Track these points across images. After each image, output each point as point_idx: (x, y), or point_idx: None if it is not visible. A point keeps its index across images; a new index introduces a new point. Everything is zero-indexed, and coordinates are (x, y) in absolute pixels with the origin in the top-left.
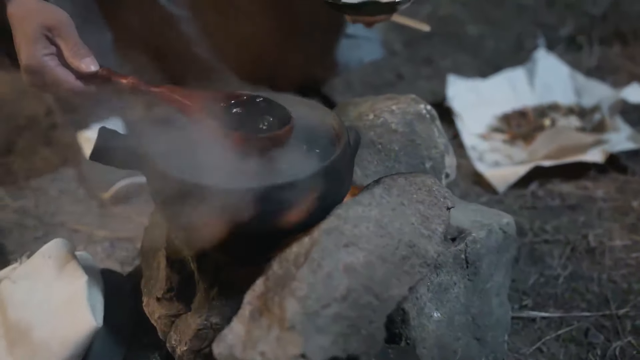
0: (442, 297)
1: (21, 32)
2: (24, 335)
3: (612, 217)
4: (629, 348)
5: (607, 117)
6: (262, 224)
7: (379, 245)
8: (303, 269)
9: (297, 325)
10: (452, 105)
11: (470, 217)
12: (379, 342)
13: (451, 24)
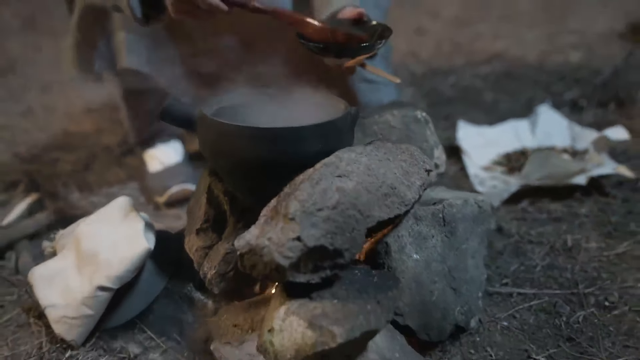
0: (421, 243)
1: None
2: (92, 258)
3: (591, 227)
4: (591, 317)
5: (594, 152)
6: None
7: (366, 181)
8: (305, 184)
9: (297, 218)
10: (460, 144)
11: (452, 194)
12: (359, 244)
13: (471, 92)
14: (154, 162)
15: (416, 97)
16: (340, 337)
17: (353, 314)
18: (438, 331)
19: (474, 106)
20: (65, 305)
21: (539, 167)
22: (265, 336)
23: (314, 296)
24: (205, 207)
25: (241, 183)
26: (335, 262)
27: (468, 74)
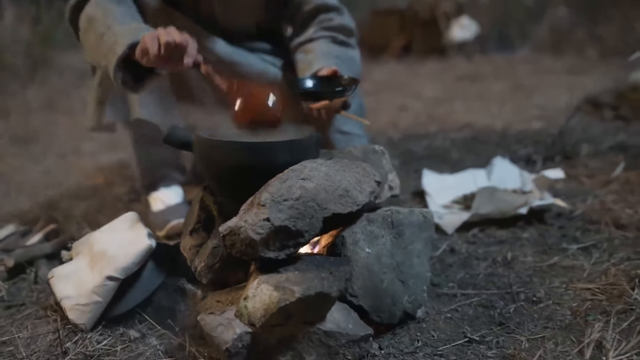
0: (373, 240)
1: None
2: (102, 256)
3: (529, 247)
4: (520, 309)
5: (535, 189)
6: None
7: (325, 184)
8: (275, 181)
9: (267, 205)
10: (424, 188)
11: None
12: (317, 228)
13: (440, 152)
14: (157, 202)
15: (391, 155)
16: (298, 293)
17: (310, 279)
18: (389, 314)
19: (442, 162)
20: (78, 295)
21: (486, 201)
22: (241, 303)
23: (281, 270)
24: (197, 211)
25: (226, 187)
26: (298, 241)
27: (440, 139)
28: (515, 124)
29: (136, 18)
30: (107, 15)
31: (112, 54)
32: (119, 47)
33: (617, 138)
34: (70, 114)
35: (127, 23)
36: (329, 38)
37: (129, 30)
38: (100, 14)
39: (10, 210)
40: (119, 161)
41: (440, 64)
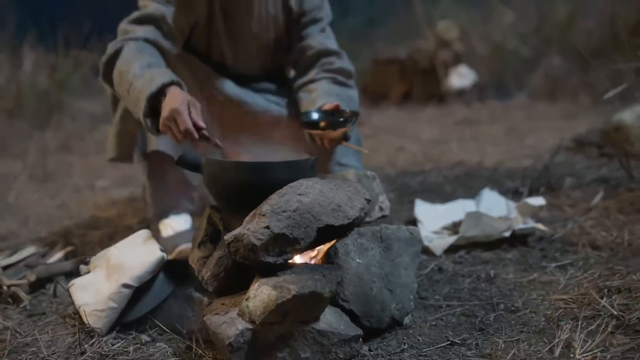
0: (363, 252)
1: (174, 98)
2: (118, 267)
3: (511, 266)
4: (499, 317)
5: (518, 215)
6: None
7: (319, 199)
8: (275, 195)
9: (267, 215)
10: (416, 216)
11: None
12: (311, 236)
13: (434, 186)
14: (167, 228)
15: (387, 190)
16: (294, 291)
17: (305, 279)
18: (377, 319)
19: (435, 195)
20: (96, 302)
21: (472, 225)
22: (244, 303)
23: (279, 274)
24: (205, 226)
25: (231, 203)
26: (294, 247)
27: (434, 175)
28: (506, 161)
29: (154, 64)
30: (129, 70)
31: (138, 108)
32: (141, 102)
33: (599, 172)
34: (85, 155)
35: (144, 75)
36: (330, 79)
37: (146, 83)
38: (125, 69)
39: (29, 236)
40: (130, 195)
41: (439, 110)
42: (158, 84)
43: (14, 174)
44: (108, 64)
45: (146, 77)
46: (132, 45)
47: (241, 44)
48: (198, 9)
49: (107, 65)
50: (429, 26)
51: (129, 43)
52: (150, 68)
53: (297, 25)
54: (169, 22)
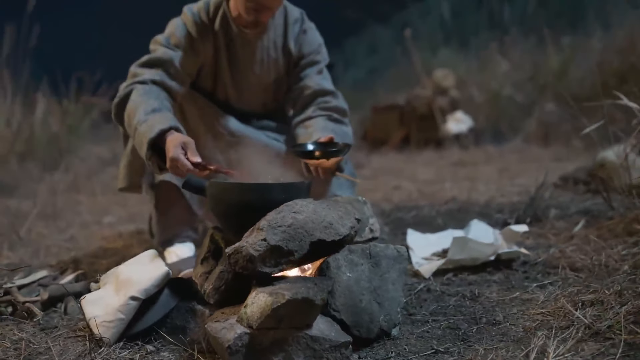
0: (353, 267)
1: (170, 144)
2: (126, 282)
3: (495, 286)
4: (481, 329)
5: (503, 240)
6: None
7: (312, 217)
8: (272, 213)
9: (264, 229)
10: (408, 244)
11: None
12: (305, 249)
13: (427, 219)
14: (171, 255)
15: (382, 223)
16: (288, 296)
17: (298, 287)
18: (367, 329)
19: (427, 227)
20: (105, 314)
21: (459, 249)
22: (242, 310)
23: (275, 283)
24: (208, 244)
25: (232, 222)
26: (289, 259)
27: (427, 210)
28: (497, 198)
29: (157, 109)
30: (135, 115)
31: (142, 152)
32: (144, 146)
33: (583, 205)
34: (92, 195)
35: (147, 120)
36: (326, 116)
37: (148, 129)
38: (132, 113)
39: (40, 264)
40: (136, 229)
41: (436, 154)
42: (157, 131)
43: (24, 212)
44: (119, 105)
45: (148, 123)
46: (140, 88)
47: (244, 85)
48: (204, 53)
49: (118, 107)
50: (427, 74)
51: (137, 86)
52: (153, 113)
53: (296, 68)
54: (176, 65)
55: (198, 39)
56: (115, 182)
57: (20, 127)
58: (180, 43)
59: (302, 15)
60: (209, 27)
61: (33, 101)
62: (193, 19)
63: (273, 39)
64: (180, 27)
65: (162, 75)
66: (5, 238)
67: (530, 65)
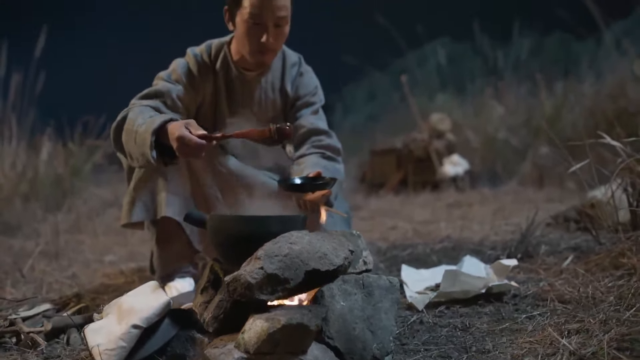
0: (347, 297)
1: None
2: (129, 311)
3: (486, 319)
4: (472, 357)
5: (493, 274)
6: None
7: (308, 247)
8: (269, 243)
9: (261, 257)
10: (402, 279)
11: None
12: (300, 277)
13: (421, 257)
14: (171, 290)
15: (377, 260)
16: (283, 321)
17: (293, 313)
18: (360, 357)
19: (421, 264)
20: (107, 342)
21: (451, 282)
22: (240, 336)
23: (271, 310)
24: (208, 274)
25: (232, 253)
26: (285, 286)
27: (422, 248)
28: (490, 236)
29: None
30: (134, 124)
31: (145, 147)
32: (147, 140)
33: (572, 242)
34: (94, 235)
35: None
36: (319, 154)
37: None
38: (130, 126)
39: (42, 300)
40: (138, 267)
41: (433, 195)
42: (159, 122)
43: (27, 251)
44: (117, 129)
45: (148, 122)
46: (136, 108)
47: (242, 124)
48: (204, 91)
49: (116, 131)
50: (424, 119)
51: (133, 108)
52: (151, 117)
53: (292, 109)
54: (174, 97)
55: (198, 78)
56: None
57: (25, 169)
58: (181, 79)
59: (300, 59)
60: (210, 68)
61: (38, 144)
62: (195, 58)
63: (271, 81)
64: (182, 65)
65: (158, 104)
66: (9, 276)
67: (525, 110)
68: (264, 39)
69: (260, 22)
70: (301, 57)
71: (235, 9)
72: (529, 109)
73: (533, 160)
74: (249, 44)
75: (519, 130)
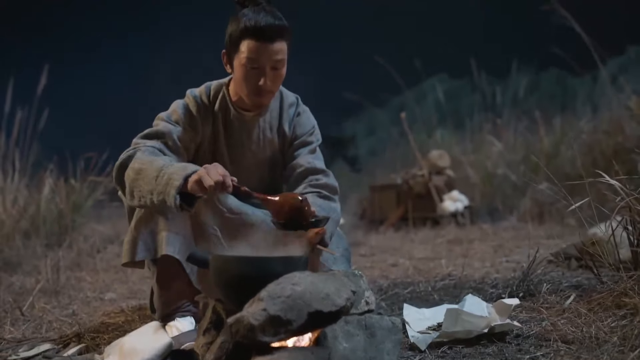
0: (349, 338)
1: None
2: (131, 352)
3: (489, 358)
4: None
5: (495, 313)
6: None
7: (310, 288)
8: (271, 284)
9: (264, 299)
10: (404, 318)
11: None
12: (303, 318)
13: (422, 295)
14: (172, 329)
15: (378, 298)
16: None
17: (296, 355)
18: None
19: (423, 303)
20: None
21: (453, 322)
22: None
23: (274, 352)
24: (210, 314)
25: (234, 293)
26: (288, 328)
27: (423, 286)
28: (491, 274)
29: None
30: (155, 163)
31: (170, 187)
32: (175, 180)
33: (574, 280)
34: (95, 272)
35: (174, 164)
36: (316, 193)
37: (181, 168)
38: (147, 164)
39: (42, 339)
40: (138, 305)
41: (433, 232)
42: (192, 170)
43: (27, 288)
44: (121, 167)
45: (178, 166)
46: (145, 150)
47: (241, 163)
48: (203, 132)
49: (119, 169)
50: (423, 155)
51: (141, 149)
52: (182, 165)
53: (290, 148)
54: (175, 139)
55: (198, 118)
56: (117, 259)
57: (27, 205)
58: (181, 120)
59: (297, 99)
60: (209, 109)
61: (40, 180)
62: (195, 100)
63: (269, 121)
64: (181, 106)
65: (161, 146)
66: (9, 314)
67: (523, 146)
68: (262, 82)
69: (257, 66)
70: (298, 97)
71: (233, 53)
72: (528, 144)
73: (532, 196)
74: (247, 86)
75: (517, 166)
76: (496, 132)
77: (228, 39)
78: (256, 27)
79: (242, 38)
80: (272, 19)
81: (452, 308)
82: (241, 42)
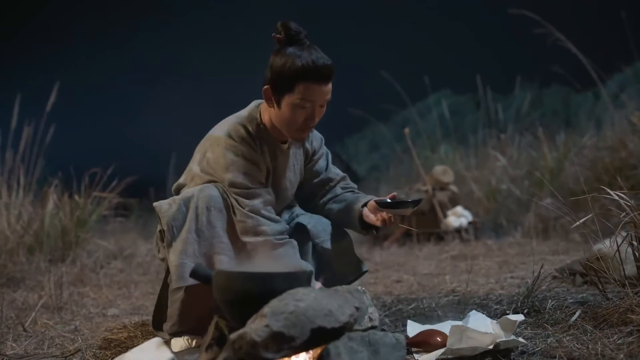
0: (353, 354)
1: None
2: None
3: None
4: None
5: (500, 330)
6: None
7: (314, 304)
8: (274, 300)
9: (267, 315)
10: (409, 335)
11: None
12: (306, 335)
13: (426, 311)
14: (178, 343)
15: (382, 315)
16: None
17: None
18: None
19: (427, 319)
20: None
21: (457, 339)
22: None
23: None
24: (213, 330)
25: (237, 309)
26: (290, 344)
27: (427, 302)
28: (496, 290)
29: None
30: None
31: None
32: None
33: (579, 296)
34: (98, 288)
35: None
36: (351, 191)
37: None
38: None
39: (44, 355)
40: (141, 321)
41: (437, 247)
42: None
43: (30, 304)
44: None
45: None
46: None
47: (280, 189)
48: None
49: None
50: (427, 171)
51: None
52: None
53: (311, 162)
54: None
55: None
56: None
57: (31, 220)
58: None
59: None
60: (258, 145)
61: (45, 196)
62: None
63: (299, 145)
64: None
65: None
66: (11, 330)
67: (527, 162)
68: (311, 120)
69: (309, 106)
70: None
71: (284, 92)
72: (531, 160)
73: (537, 212)
74: (294, 124)
75: (521, 182)
76: (500, 147)
77: (277, 77)
78: (314, 69)
79: (298, 79)
80: (325, 60)
81: (457, 325)
82: (296, 82)
